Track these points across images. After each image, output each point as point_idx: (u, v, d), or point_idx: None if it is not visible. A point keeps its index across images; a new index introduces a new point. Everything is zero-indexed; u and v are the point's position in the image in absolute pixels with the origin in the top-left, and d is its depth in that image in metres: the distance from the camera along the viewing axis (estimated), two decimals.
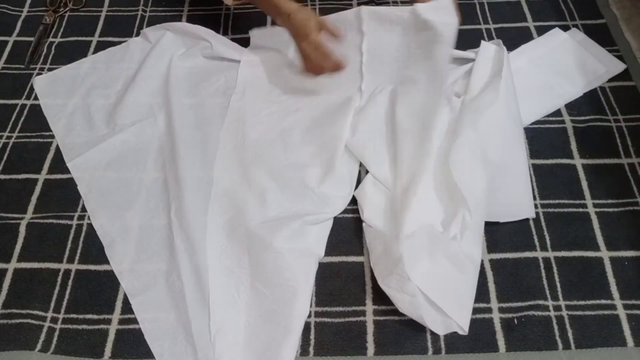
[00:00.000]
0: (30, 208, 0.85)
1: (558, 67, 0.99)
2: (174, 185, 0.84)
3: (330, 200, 0.82)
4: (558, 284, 0.76)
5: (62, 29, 1.11)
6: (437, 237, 0.76)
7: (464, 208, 0.77)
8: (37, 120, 0.96)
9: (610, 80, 0.98)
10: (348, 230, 0.82)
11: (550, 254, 0.78)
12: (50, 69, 1.04)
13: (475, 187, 0.80)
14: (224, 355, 0.70)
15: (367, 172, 0.87)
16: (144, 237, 0.81)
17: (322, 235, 0.80)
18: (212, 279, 0.75)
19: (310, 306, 0.74)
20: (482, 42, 0.99)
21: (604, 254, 0.78)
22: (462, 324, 0.71)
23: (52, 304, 0.75)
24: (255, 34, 1.03)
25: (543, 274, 0.77)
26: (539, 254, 0.78)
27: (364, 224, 0.81)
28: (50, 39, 1.10)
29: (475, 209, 0.77)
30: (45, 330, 0.73)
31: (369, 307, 0.74)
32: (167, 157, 0.89)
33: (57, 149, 0.92)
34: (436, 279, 0.74)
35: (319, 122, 0.91)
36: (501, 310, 0.74)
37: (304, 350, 0.71)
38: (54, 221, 0.83)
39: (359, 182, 0.86)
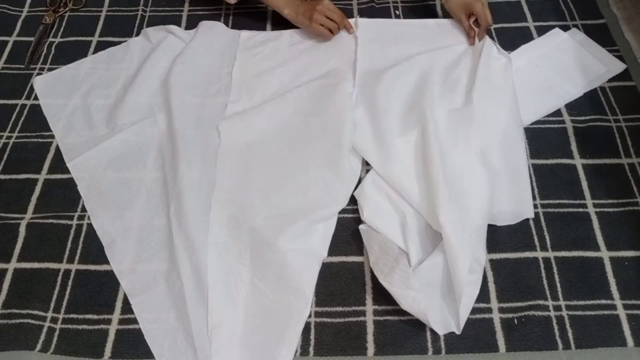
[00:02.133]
0: (30, 208, 0.85)
1: (558, 67, 0.99)
2: (173, 185, 0.84)
3: (333, 192, 0.82)
4: (558, 284, 0.76)
5: (62, 29, 1.11)
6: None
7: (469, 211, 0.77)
8: (37, 120, 0.96)
9: (610, 80, 0.98)
10: (348, 230, 0.82)
11: (550, 254, 0.78)
12: (50, 69, 1.04)
13: (478, 191, 0.80)
14: (220, 351, 0.70)
15: (367, 171, 0.87)
16: (143, 236, 0.81)
17: (326, 236, 0.79)
18: (211, 275, 0.76)
19: (310, 306, 0.74)
20: (488, 38, 0.99)
21: (604, 254, 0.78)
22: (458, 323, 0.71)
23: (52, 304, 0.75)
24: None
25: (543, 274, 0.77)
26: (539, 254, 0.78)
27: (360, 227, 0.81)
28: (50, 39, 1.10)
29: (479, 212, 0.78)
30: (45, 330, 0.73)
31: (369, 307, 0.74)
32: (166, 157, 0.89)
33: (57, 149, 0.92)
34: (439, 276, 0.74)
35: (316, 114, 0.91)
36: (501, 310, 0.74)
37: (304, 350, 0.71)
38: (54, 221, 0.83)
39: (358, 182, 0.86)
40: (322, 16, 1.00)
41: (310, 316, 0.74)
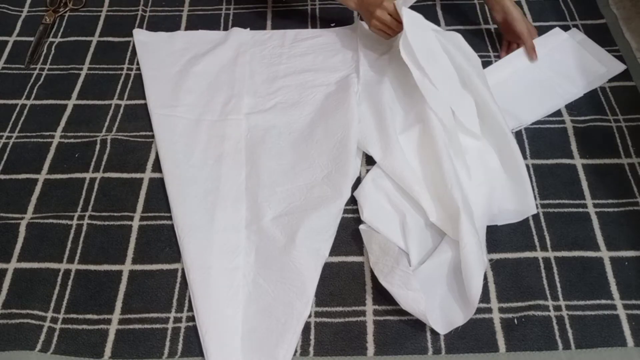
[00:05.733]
0: (30, 208, 0.85)
1: (558, 67, 0.99)
2: (174, 185, 0.85)
3: (337, 186, 0.82)
4: (558, 284, 0.76)
5: (62, 29, 1.11)
6: (445, 239, 0.77)
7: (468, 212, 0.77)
8: (37, 120, 0.96)
9: (610, 80, 0.98)
10: (348, 230, 0.82)
11: (550, 254, 0.78)
12: (50, 69, 1.04)
13: (477, 191, 0.80)
14: (219, 348, 0.70)
15: (367, 171, 0.87)
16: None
17: (329, 237, 0.79)
18: (215, 273, 0.76)
19: (310, 306, 0.74)
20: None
21: (604, 254, 0.78)
22: (462, 318, 0.72)
23: (52, 304, 0.75)
24: None
25: (543, 274, 0.77)
26: (539, 254, 0.78)
27: (360, 227, 0.80)
28: (50, 39, 1.10)
29: (480, 214, 0.78)
30: (45, 330, 0.73)
31: (369, 307, 0.74)
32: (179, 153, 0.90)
33: (57, 149, 0.92)
34: (440, 276, 0.74)
35: (324, 113, 0.92)
36: (501, 310, 0.74)
37: (304, 350, 0.71)
38: (54, 221, 0.83)
39: (358, 181, 0.86)
40: (380, 24, 0.95)
41: (310, 316, 0.73)
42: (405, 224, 0.79)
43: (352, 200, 0.84)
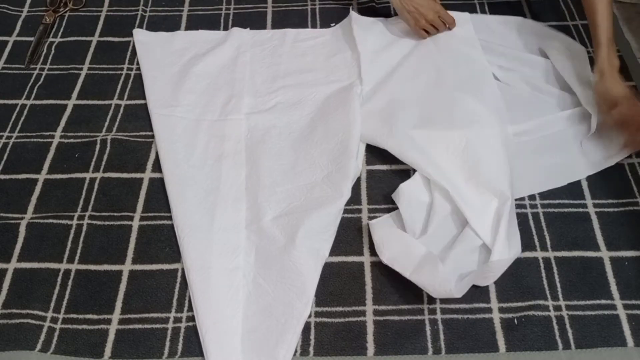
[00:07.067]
0: (30, 208, 0.85)
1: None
2: (174, 186, 0.85)
3: (337, 186, 0.82)
4: (558, 284, 0.76)
5: (62, 29, 1.11)
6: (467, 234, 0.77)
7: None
8: (37, 120, 0.96)
9: None
10: (348, 230, 0.82)
11: (550, 254, 0.78)
12: (50, 69, 1.04)
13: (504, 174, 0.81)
14: (219, 349, 0.70)
15: (367, 171, 0.87)
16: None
17: (330, 236, 0.79)
18: (214, 273, 0.76)
19: (311, 306, 0.74)
20: None
21: (604, 254, 0.78)
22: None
23: (52, 304, 0.75)
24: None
25: (543, 274, 0.77)
26: (539, 254, 0.78)
27: (370, 222, 0.79)
28: (50, 39, 1.10)
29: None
30: (45, 330, 0.73)
31: (369, 307, 0.74)
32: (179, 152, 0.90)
33: (57, 149, 0.92)
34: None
35: (324, 114, 0.92)
36: (501, 310, 0.74)
37: (304, 350, 0.71)
38: (54, 221, 0.83)
39: (359, 181, 0.86)
40: (429, 25, 1.00)
41: (310, 316, 0.73)
42: (431, 207, 0.80)
43: (352, 200, 0.84)
